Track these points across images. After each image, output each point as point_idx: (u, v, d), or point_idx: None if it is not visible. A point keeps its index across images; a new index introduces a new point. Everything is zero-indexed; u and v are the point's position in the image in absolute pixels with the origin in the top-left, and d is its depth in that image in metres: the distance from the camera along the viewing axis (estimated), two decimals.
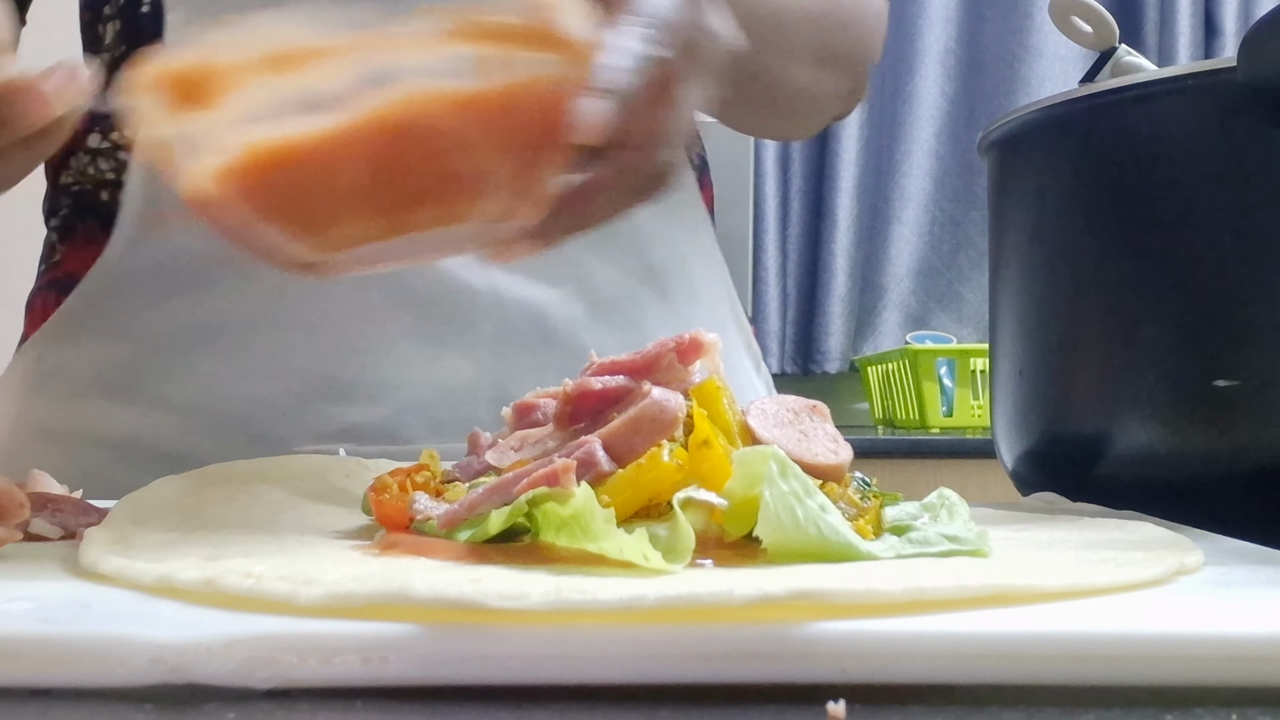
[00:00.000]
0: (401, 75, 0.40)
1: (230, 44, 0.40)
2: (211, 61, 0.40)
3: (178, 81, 0.40)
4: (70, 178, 0.82)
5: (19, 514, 0.45)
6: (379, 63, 0.40)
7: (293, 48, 0.40)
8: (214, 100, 0.40)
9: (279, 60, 0.40)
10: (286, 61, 0.40)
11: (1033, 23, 2.63)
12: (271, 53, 0.40)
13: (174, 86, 0.40)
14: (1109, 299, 0.61)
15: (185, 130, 0.41)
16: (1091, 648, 0.32)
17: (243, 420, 0.75)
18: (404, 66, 0.41)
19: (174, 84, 0.40)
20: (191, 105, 0.40)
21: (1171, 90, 0.59)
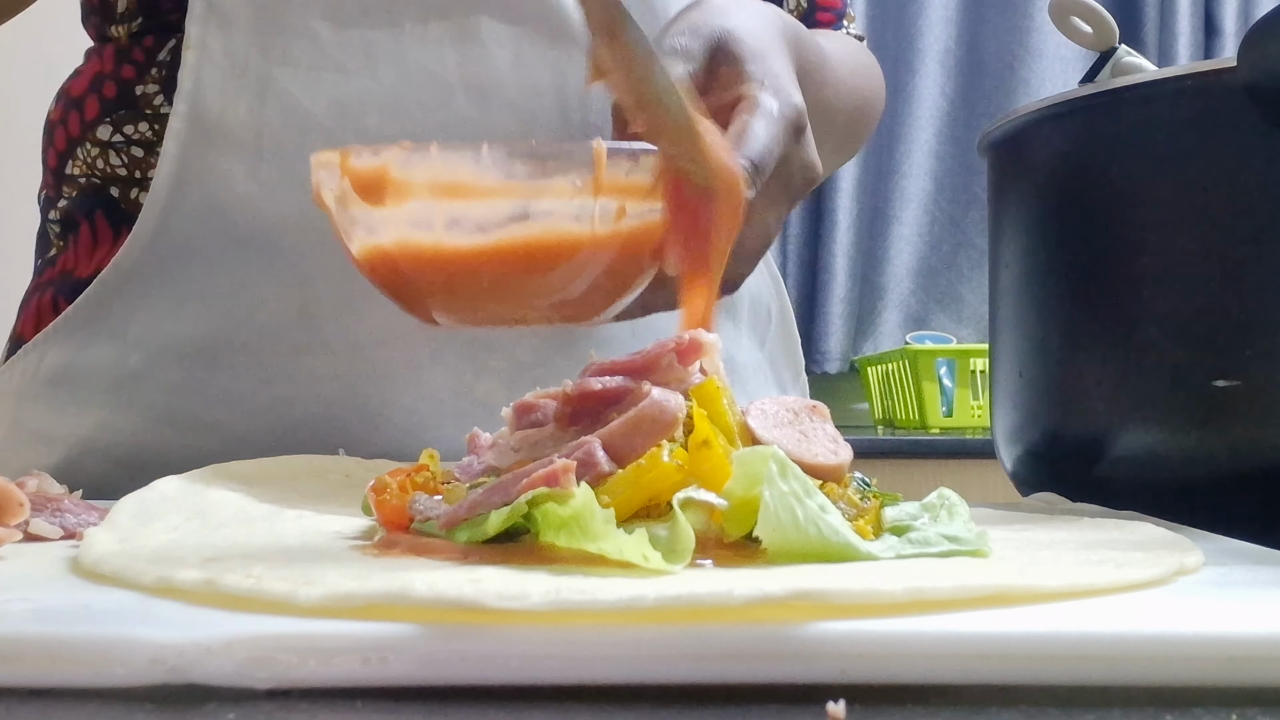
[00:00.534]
0: (537, 215, 0.51)
1: (406, 163, 0.51)
2: (387, 173, 0.50)
3: (360, 177, 0.51)
4: (77, 169, 0.80)
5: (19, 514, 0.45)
6: (521, 204, 0.50)
7: (456, 182, 0.50)
8: (384, 200, 0.51)
9: (443, 188, 0.50)
10: (448, 190, 0.50)
11: (1033, 23, 2.63)
12: (439, 182, 0.50)
13: (359, 180, 0.51)
14: (1109, 299, 0.61)
15: (366, 215, 0.52)
16: (1091, 648, 0.32)
17: (256, 441, 0.72)
18: (539, 210, 0.51)
19: (360, 178, 0.51)
20: (372, 197, 0.51)
21: (1171, 90, 0.59)
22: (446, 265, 0.51)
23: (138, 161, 0.78)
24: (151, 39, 0.78)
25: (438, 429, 0.73)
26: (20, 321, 0.82)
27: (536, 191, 0.50)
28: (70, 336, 0.76)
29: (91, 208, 0.80)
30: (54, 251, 0.82)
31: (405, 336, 0.75)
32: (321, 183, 0.52)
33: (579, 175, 0.50)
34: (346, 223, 0.53)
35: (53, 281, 0.81)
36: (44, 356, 0.77)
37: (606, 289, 0.54)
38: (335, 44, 0.73)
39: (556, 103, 0.77)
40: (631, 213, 0.52)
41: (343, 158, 0.51)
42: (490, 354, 0.77)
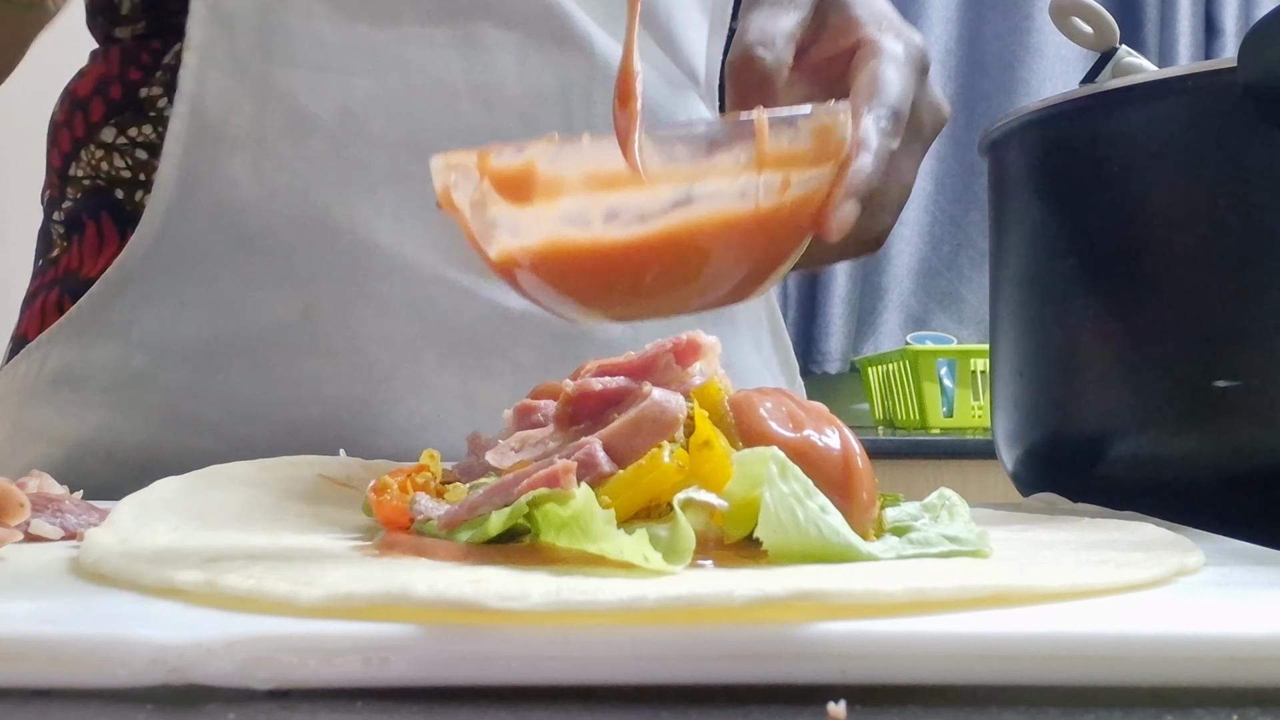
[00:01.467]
0: (700, 199, 0.47)
1: (555, 159, 0.48)
2: (535, 170, 0.47)
3: (503, 177, 0.48)
4: (82, 170, 0.80)
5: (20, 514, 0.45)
6: (684, 189, 0.47)
7: (612, 173, 0.47)
8: (532, 198, 0.48)
9: (600, 180, 0.47)
10: (605, 182, 0.47)
11: (1033, 23, 2.63)
12: (594, 174, 0.47)
13: (502, 180, 0.48)
14: (1109, 299, 0.61)
15: (509, 216, 0.49)
16: (1092, 648, 0.32)
17: (258, 443, 0.72)
18: (703, 192, 0.47)
19: (502, 178, 0.48)
20: (515, 199, 0.48)
21: (1172, 91, 0.59)
22: (605, 261, 0.48)
23: (142, 164, 0.78)
24: (159, 42, 0.78)
25: (440, 432, 0.73)
26: (24, 321, 0.82)
27: (699, 174, 0.47)
28: (74, 337, 0.76)
29: (97, 209, 0.80)
30: (57, 251, 0.82)
31: (408, 340, 0.75)
32: (453, 185, 0.50)
33: (742, 151, 0.47)
34: (484, 226, 0.50)
35: (58, 281, 0.81)
36: (48, 356, 0.77)
37: (767, 264, 0.51)
38: (339, 46, 0.73)
39: (560, 106, 0.77)
40: (795, 183, 0.49)
41: (481, 158, 0.48)
42: (492, 357, 0.77)
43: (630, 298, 0.50)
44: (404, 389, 0.75)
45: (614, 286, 0.49)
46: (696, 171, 0.47)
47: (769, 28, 0.56)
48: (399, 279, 0.75)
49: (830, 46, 0.59)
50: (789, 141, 0.49)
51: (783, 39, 0.56)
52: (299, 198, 0.74)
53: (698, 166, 0.47)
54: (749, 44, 0.55)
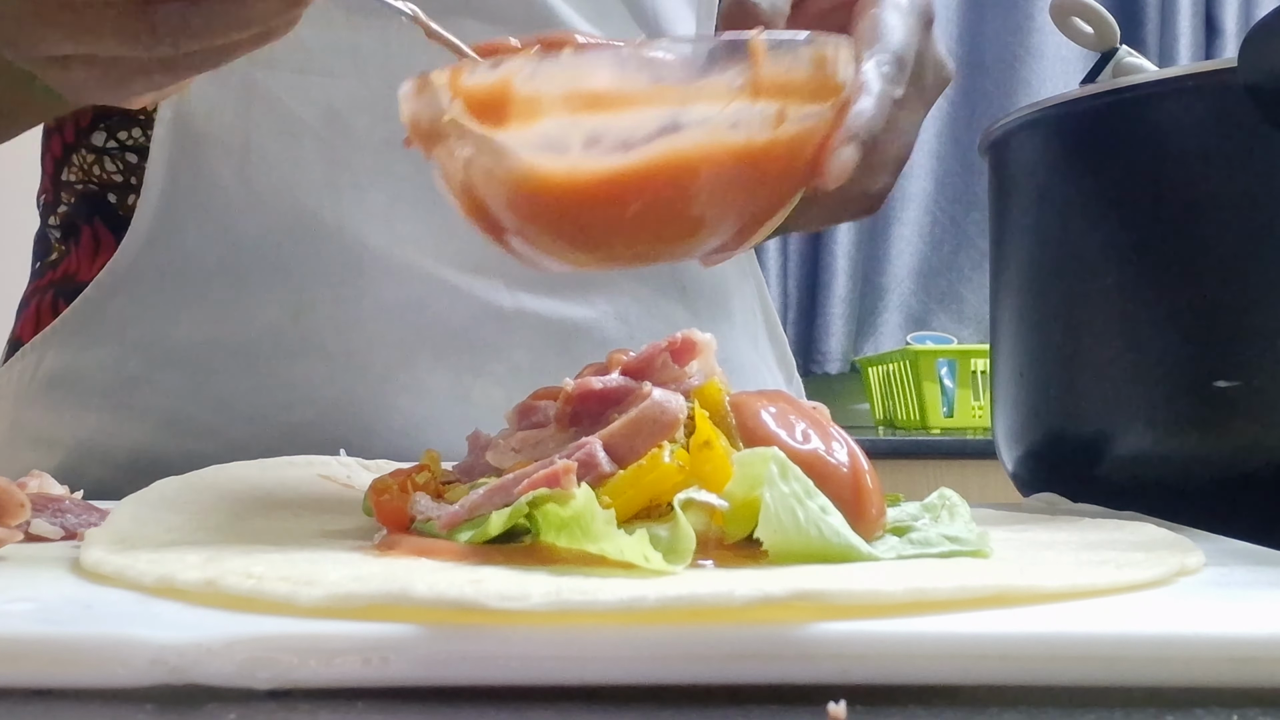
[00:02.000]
0: (689, 125, 0.43)
1: (533, 75, 0.43)
2: (511, 88, 0.42)
3: (477, 96, 0.43)
4: (74, 175, 0.80)
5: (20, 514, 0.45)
6: (671, 113, 0.43)
7: (597, 91, 0.42)
8: (507, 121, 0.43)
9: (582, 99, 0.42)
10: (587, 102, 0.42)
11: (1033, 23, 2.63)
12: (575, 92, 0.42)
13: (473, 99, 0.43)
14: (1109, 300, 0.61)
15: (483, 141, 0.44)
16: (1092, 648, 0.32)
17: (254, 446, 0.71)
18: (692, 118, 0.43)
19: (473, 97, 0.43)
20: (489, 122, 0.43)
21: (1172, 91, 0.59)
22: (583, 193, 0.44)
23: (132, 168, 0.78)
24: None
25: (435, 432, 0.73)
26: (19, 323, 0.82)
27: (689, 96, 0.43)
28: (69, 339, 0.76)
29: (91, 213, 0.80)
30: (54, 255, 0.82)
31: (401, 340, 0.75)
32: (416, 113, 0.45)
33: (736, 74, 0.43)
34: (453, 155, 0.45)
35: (54, 284, 0.81)
36: (42, 359, 0.77)
37: (758, 210, 0.47)
38: (321, 47, 0.73)
39: None
40: (791, 117, 0.45)
41: (453, 75, 0.44)
42: (486, 357, 0.77)
43: (607, 237, 0.46)
44: (398, 390, 0.75)
45: (590, 226, 0.45)
46: (686, 94, 0.43)
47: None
48: (390, 280, 0.75)
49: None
50: (786, 68, 0.44)
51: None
52: (288, 200, 0.74)
53: (688, 88, 0.43)
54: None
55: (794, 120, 0.45)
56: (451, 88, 0.44)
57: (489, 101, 0.43)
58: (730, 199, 0.45)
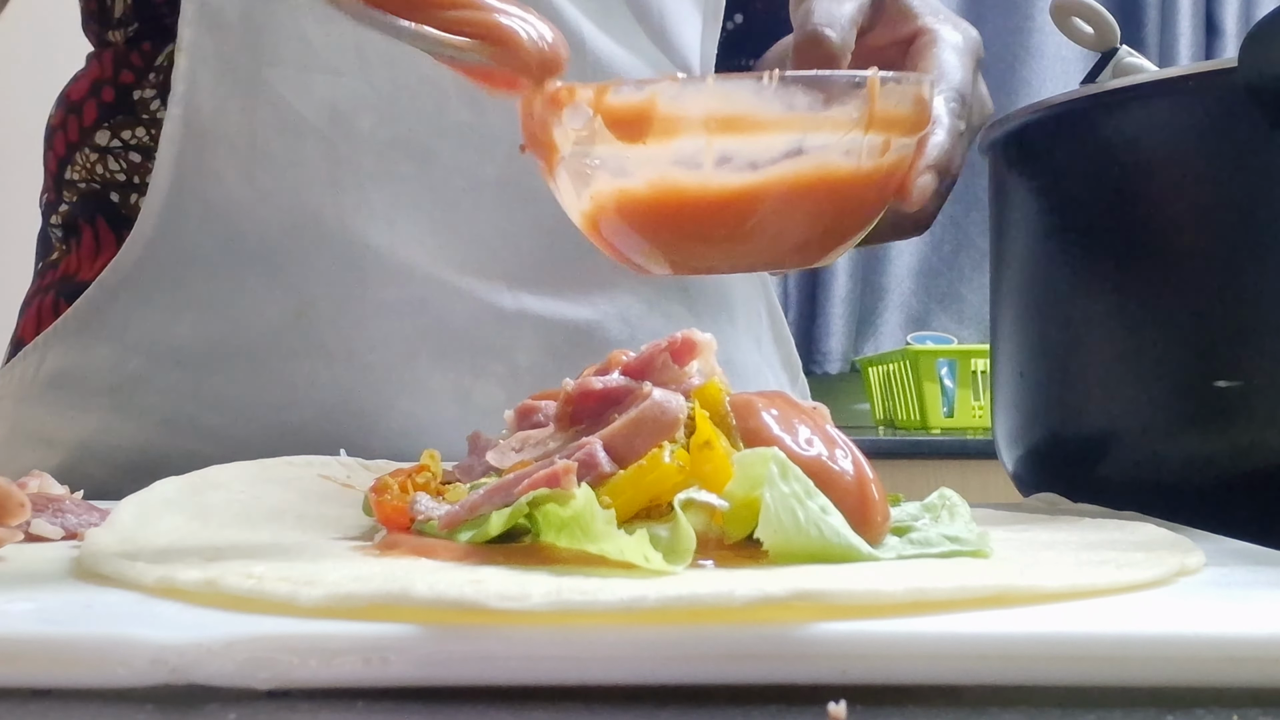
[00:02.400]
0: (810, 150, 0.48)
1: (677, 97, 0.47)
2: (655, 107, 0.47)
3: (619, 113, 0.47)
4: (77, 174, 0.80)
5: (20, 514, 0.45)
6: (797, 139, 0.48)
7: (733, 115, 0.47)
8: (645, 137, 0.47)
9: (719, 122, 0.47)
10: (724, 124, 0.47)
11: (1033, 23, 2.63)
12: (714, 115, 0.47)
13: (616, 116, 0.47)
14: (1109, 299, 0.61)
15: (615, 155, 0.48)
16: (1093, 648, 0.32)
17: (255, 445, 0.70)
18: (814, 144, 0.48)
19: (617, 115, 0.47)
20: (628, 137, 0.47)
21: (1172, 91, 0.59)
22: (709, 206, 0.48)
23: (136, 167, 0.78)
24: (149, 44, 0.78)
25: (435, 433, 0.73)
26: (21, 324, 0.82)
27: (814, 124, 0.48)
28: (70, 339, 0.76)
29: (93, 213, 0.79)
30: (55, 255, 0.82)
31: (403, 341, 0.75)
32: (537, 124, 0.49)
33: (855, 107, 0.48)
34: (582, 171, 0.49)
35: (54, 284, 0.81)
36: (44, 359, 0.77)
37: (851, 226, 0.52)
38: (326, 45, 0.73)
39: None
40: (894, 147, 0.50)
41: (599, 93, 0.48)
42: (488, 358, 0.77)
43: (720, 246, 0.50)
44: (398, 389, 0.75)
45: (711, 234, 0.49)
46: (812, 122, 0.48)
47: (835, 10, 0.57)
48: (392, 280, 0.75)
49: (886, 34, 0.61)
50: (895, 103, 0.49)
51: (847, 21, 0.57)
52: (290, 199, 0.74)
53: (815, 117, 0.48)
54: (816, 24, 0.56)
55: (894, 150, 0.51)
56: (594, 105, 0.48)
57: (631, 118, 0.47)
58: (833, 216, 0.50)
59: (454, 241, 0.76)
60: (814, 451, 0.44)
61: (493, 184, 0.76)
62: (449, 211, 0.76)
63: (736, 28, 0.92)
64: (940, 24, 0.61)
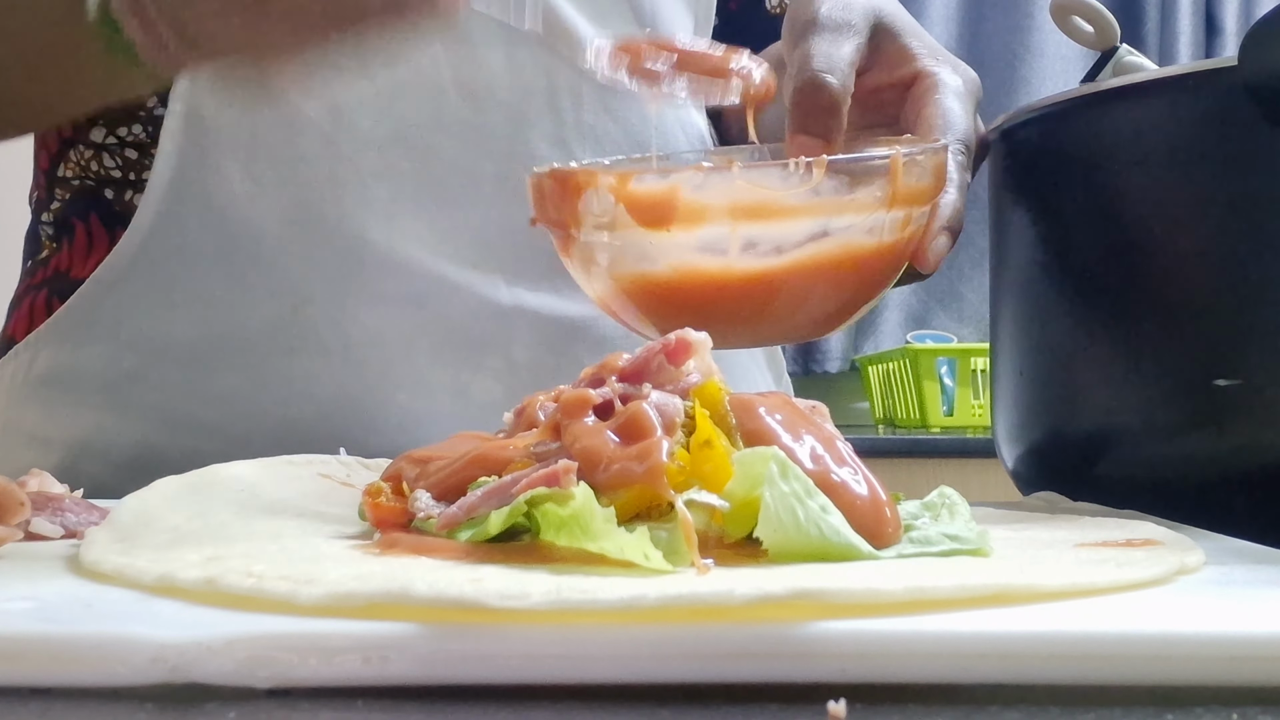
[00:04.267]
0: (835, 232, 0.48)
1: (701, 185, 0.47)
2: (678, 197, 0.46)
3: (642, 202, 0.47)
4: (70, 171, 0.80)
5: (20, 513, 0.45)
6: (822, 223, 0.48)
7: (758, 203, 0.47)
8: (670, 224, 0.47)
9: (742, 209, 0.47)
10: (748, 212, 0.47)
11: (1033, 22, 2.63)
12: (740, 204, 0.46)
13: (639, 205, 0.47)
14: (1109, 298, 0.61)
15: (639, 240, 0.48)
16: (1092, 647, 0.32)
17: (253, 442, 0.70)
18: (838, 226, 0.48)
19: (640, 203, 0.47)
20: (651, 224, 0.47)
21: (1172, 90, 0.59)
22: (732, 290, 0.47)
23: (131, 163, 0.78)
24: None
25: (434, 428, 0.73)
26: (12, 322, 0.82)
27: (838, 208, 0.48)
28: (63, 337, 0.76)
29: (86, 210, 0.79)
30: (45, 253, 0.82)
31: (400, 337, 0.75)
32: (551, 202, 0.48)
33: (879, 187, 0.48)
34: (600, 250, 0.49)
35: (47, 282, 0.81)
36: (36, 357, 0.77)
37: (872, 294, 0.53)
38: None
39: (549, 102, 0.77)
40: (914, 218, 0.51)
41: (620, 181, 0.48)
42: (485, 353, 0.77)
43: (741, 326, 0.50)
44: (396, 385, 0.75)
45: (733, 315, 0.49)
46: (836, 206, 0.48)
47: (834, 54, 0.56)
48: (390, 275, 0.75)
49: (883, 75, 0.60)
50: (916, 179, 0.50)
51: (846, 65, 0.56)
52: (291, 195, 0.74)
53: (840, 201, 0.48)
54: (816, 70, 0.55)
55: (915, 221, 0.52)
56: (616, 192, 0.48)
57: (654, 206, 0.47)
58: (854, 289, 0.51)
59: (452, 237, 0.76)
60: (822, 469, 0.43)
61: (491, 180, 0.76)
62: (447, 207, 0.76)
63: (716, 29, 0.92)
64: (940, 66, 0.60)
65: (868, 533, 0.41)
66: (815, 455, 0.43)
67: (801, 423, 0.45)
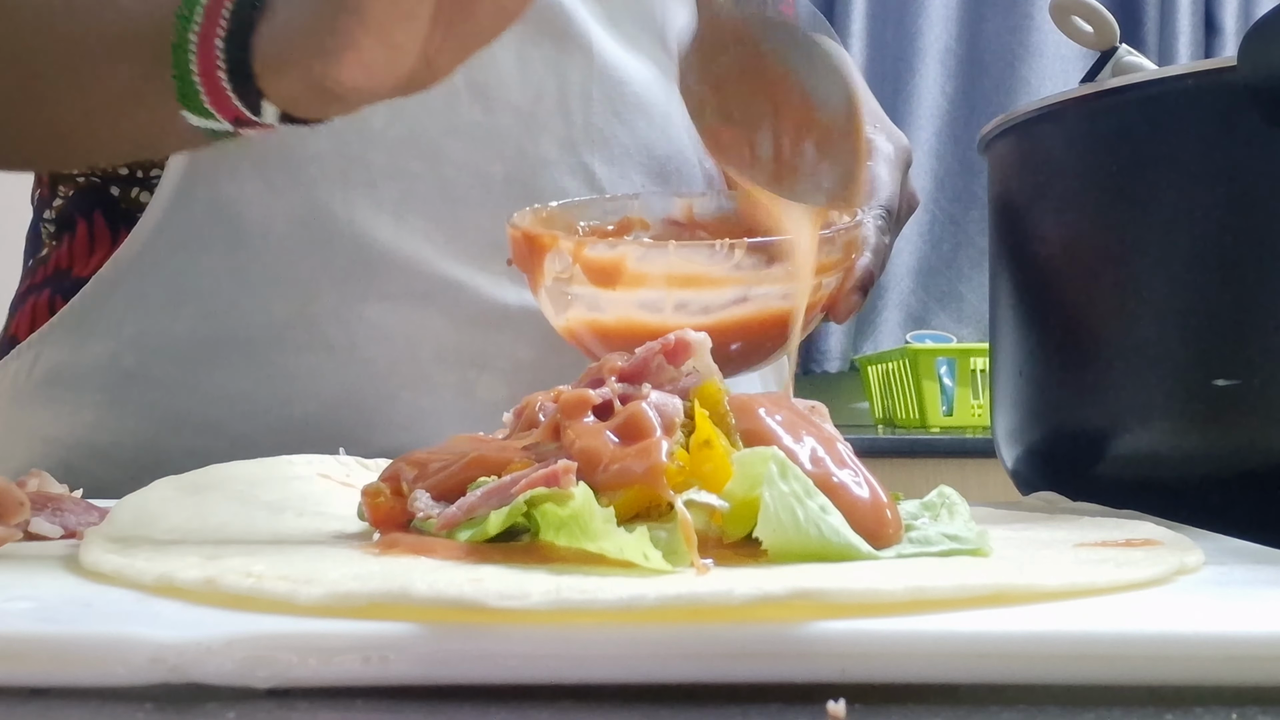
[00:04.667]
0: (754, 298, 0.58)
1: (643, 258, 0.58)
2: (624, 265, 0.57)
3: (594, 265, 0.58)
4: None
5: (19, 513, 0.45)
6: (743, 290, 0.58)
7: (689, 274, 0.57)
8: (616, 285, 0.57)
9: (676, 279, 0.57)
10: (680, 280, 0.57)
11: (1033, 22, 2.63)
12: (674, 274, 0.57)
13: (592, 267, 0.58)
14: (1109, 298, 0.61)
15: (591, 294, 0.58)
16: (1092, 647, 0.32)
17: (257, 441, 0.72)
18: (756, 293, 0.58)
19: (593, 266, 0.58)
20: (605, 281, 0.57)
21: (1172, 90, 0.59)
22: None
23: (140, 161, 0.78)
24: None
25: (438, 427, 0.74)
26: (14, 321, 0.82)
27: (757, 280, 0.57)
28: (65, 336, 0.76)
29: (90, 207, 0.79)
30: (46, 251, 0.82)
31: (405, 335, 0.75)
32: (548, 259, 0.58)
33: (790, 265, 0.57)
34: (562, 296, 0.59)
35: (48, 280, 0.80)
36: (39, 356, 0.77)
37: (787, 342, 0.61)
38: None
39: (559, 105, 0.77)
40: (825, 284, 0.60)
41: (577, 247, 0.58)
42: (491, 353, 0.77)
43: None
44: (401, 385, 0.75)
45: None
46: (757, 278, 0.58)
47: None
48: (397, 275, 0.75)
49: None
50: (827, 254, 0.59)
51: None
52: (302, 194, 0.74)
53: (758, 274, 0.58)
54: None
55: (826, 286, 0.60)
56: (574, 255, 0.58)
57: (604, 270, 0.57)
58: (774, 339, 0.60)
59: (460, 237, 0.76)
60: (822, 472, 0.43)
61: (500, 181, 0.76)
62: (456, 207, 0.76)
63: None
64: (875, 134, 0.64)
65: (869, 534, 0.41)
66: (816, 457, 0.43)
67: (802, 424, 0.45)
